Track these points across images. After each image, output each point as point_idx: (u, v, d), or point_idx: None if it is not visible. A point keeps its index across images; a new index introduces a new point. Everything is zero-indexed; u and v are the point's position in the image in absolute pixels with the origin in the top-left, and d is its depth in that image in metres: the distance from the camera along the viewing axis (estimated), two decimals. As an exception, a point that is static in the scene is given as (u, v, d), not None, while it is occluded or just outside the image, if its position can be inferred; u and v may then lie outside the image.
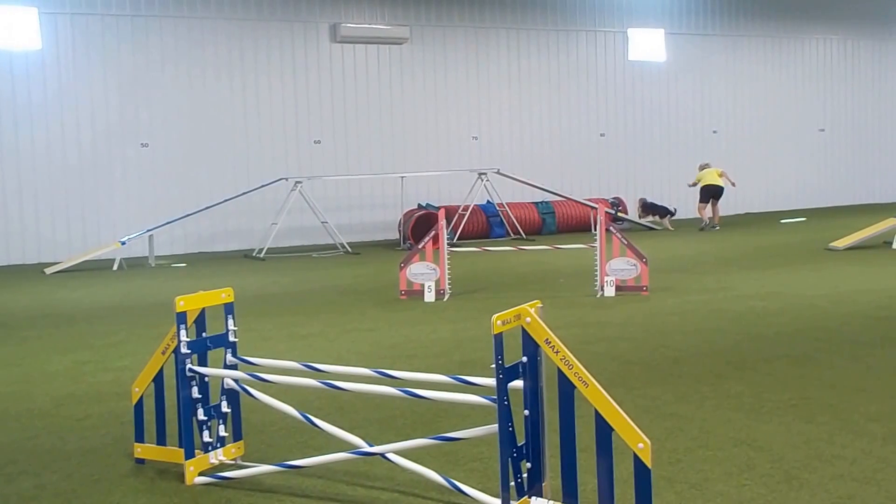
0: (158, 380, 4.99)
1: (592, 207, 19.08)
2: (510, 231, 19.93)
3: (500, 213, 19.93)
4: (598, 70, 23.30)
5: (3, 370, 7.70)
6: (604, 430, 3.75)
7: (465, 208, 19.11)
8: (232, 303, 5.04)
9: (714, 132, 24.86)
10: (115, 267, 16.10)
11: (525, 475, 3.95)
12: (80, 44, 17.98)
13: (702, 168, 20.46)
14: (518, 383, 3.94)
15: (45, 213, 17.83)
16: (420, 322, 9.50)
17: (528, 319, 3.88)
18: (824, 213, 24.00)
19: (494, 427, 3.90)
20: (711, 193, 20.04)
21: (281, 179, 18.11)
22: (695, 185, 20.37)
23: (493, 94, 22.00)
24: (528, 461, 3.96)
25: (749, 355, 7.22)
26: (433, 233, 11.34)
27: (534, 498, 3.88)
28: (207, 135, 19.14)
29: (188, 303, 4.80)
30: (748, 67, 25.32)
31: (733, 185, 20.22)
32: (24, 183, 17.66)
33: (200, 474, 4.74)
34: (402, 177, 19.39)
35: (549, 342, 3.83)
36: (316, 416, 4.70)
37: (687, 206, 22.95)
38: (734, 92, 25.15)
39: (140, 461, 5.02)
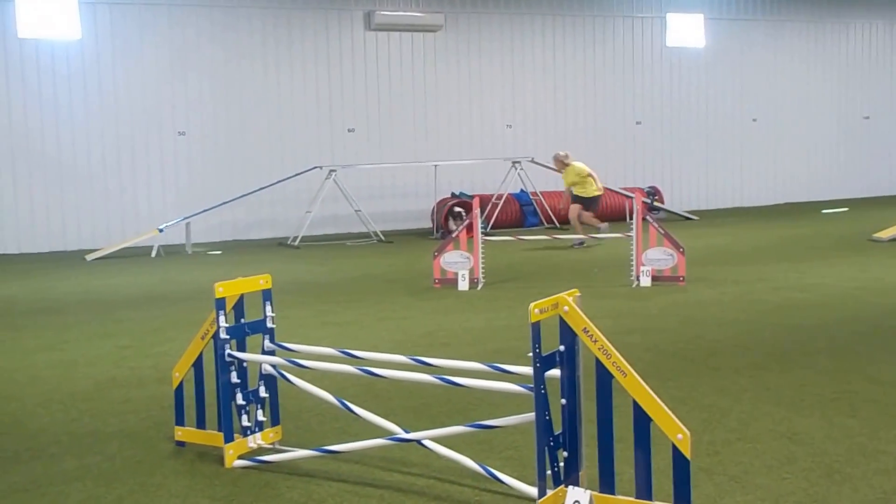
0: (198, 365, 5.04)
1: (628, 196, 18.99)
2: (544, 220, 19.88)
3: (534, 201, 19.88)
4: (635, 57, 23.13)
5: (47, 354, 7.80)
6: (642, 421, 3.74)
7: (499, 197, 19.09)
8: (270, 289, 5.08)
9: (754, 120, 24.57)
10: (153, 254, 16.25)
11: (562, 464, 3.96)
12: (118, 33, 18.11)
13: (560, 163, 15.76)
14: (555, 372, 3.95)
15: (85, 201, 18.01)
16: (453, 310, 9.51)
17: (566, 308, 3.88)
18: (867, 204, 23.66)
19: (531, 415, 3.91)
20: (578, 199, 15.68)
21: (315, 168, 18.16)
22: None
23: (527, 81, 21.92)
24: (564, 450, 3.96)
25: (788, 347, 7.16)
26: (467, 221, 11.35)
27: (570, 487, 3.88)
28: (242, 123, 19.24)
29: (227, 289, 4.85)
30: (790, 53, 24.96)
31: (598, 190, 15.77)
32: (64, 171, 17.85)
33: (239, 458, 4.79)
34: (436, 165, 19.38)
35: (588, 331, 3.83)
36: (352, 403, 4.73)
37: (715, 196, 22.84)
38: (775, 78, 24.81)
39: (180, 444, 5.08)
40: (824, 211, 21.90)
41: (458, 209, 15.99)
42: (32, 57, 17.51)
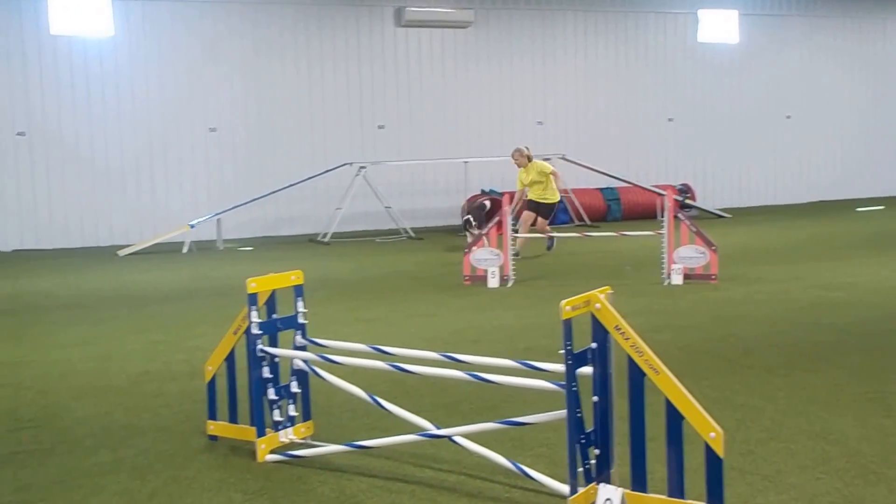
0: (230, 359, 5.07)
1: (659, 194, 18.91)
2: (574, 217, 19.82)
3: (564, 199, 19.78)
4: (667, 53, 23.01)
5: (81, 348, 7.88)
6: (674, 419, 3.73)
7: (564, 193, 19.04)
8: (301, 285, 5.10)
9: (788, 117, 24.38)
10: (184, 250, 16.37)
11: (593, 462, 3.95)
12: (150, 30, 18.24)
13: (522, 157, 13.61)
14: (587, 369, 3.94)
15: (117, 197, 18.16)
16: (484, 308, 9.51)
17: (598, 305, 3.87)
18: (902, 202, 23.44)
19: (562, 413, 3.90)
20: (534, 206, 13.64)
21: (345, 164, 18.22)
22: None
23: (558, 78, 21.86)
24: (596, 448, 3.95)
25: (822, 347, 7.09)
26: (497, 219, 11.33)
27: (602, 485, 3.87)
28: (273, 120, 19.32)
29: (259, 284, 4.87)
30: (825, 49, 24.73)
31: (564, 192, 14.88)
32: (97, 167, 18.00)
33: (271, 452, 4.82)
34: (466, 162, 19.37)
35: (620, 329, 3.81)
36: (382, 399, 4.74)
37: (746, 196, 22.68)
38: (809, 75, 24.59)
39: (213, 438, 5.11)
40: (859, 209, 21.68)
41: (472, 220, 15.55)
42: (65, 54, 17.67)
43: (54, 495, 4.38)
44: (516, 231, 12.02)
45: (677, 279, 10.66)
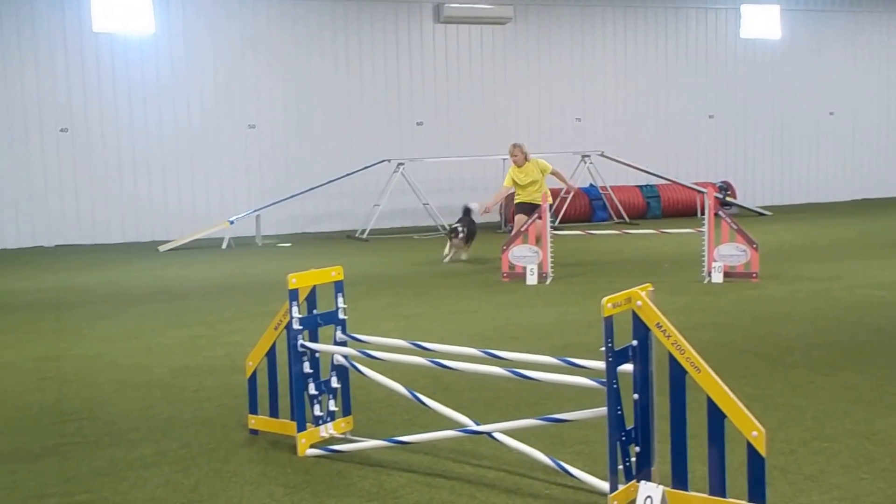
0: (271, 354, 5.11)
1: (700, 191, 18.78)
2: (613, 215, 19.73)
3: (603, 196, 19.73)
4: (708, 49, 22.81)
5: (124, 342, 7.97)
6: (716, 417, 3.71)
7: (568, 191, 18.97)
8: (341, 281, 5.13)
9: (831, 114, 24.09)
10: (224, 245, 16.48)
11: (634, 459, 3.94)
12: (190, 27, 18.38)
13: (521, 155, 12.49)
14: (627, 367, 3.92)
15: (158, 193, 18.32)
16: (522, 305, 9.50)
17: (640, 303, 3.86)
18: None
19: (603, 410, 3.89)
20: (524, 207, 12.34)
21: (383, 161, 18.25)
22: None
23: (597, 74, 21.76)
24: (636, 445, 3.94)
25: (866, 346, 7.02)
26: (536, 215, 11.31)
27: (642, 482, 3.86)
28: (311, 116, 19.40)
29: (300, 280, 4.90)
30: (868, 45, 24.37)
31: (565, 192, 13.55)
32: (138, 164, 18.17)
33: (312, 446, 4.85)
34: (504, 159, 19.24)
35: (661, 326, 3.80)
36: (421, 395, 4.76)
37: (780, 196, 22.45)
38: (853, 71, 24.25)
39: (254, 432, 5.15)
40: (902, 207, 21.40)
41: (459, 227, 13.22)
42: (107, 51, 17.85)
43: (99, 487, 4.44)
44: (555, 228, 11.95)
45: (718, 277, 10.58)
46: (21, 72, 17.28)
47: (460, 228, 13.32)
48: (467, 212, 13.69)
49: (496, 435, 4.42)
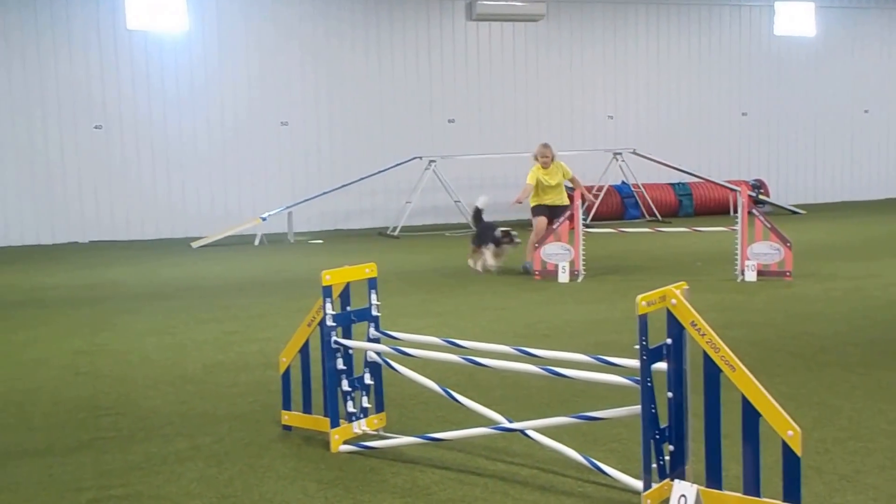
0: (304, 351, 5.13)
1: (732, 190, 18.66)
2: (645, 213, 19.65)
3: (635, 194, 19.66)
4: (742, 46, 22.64)
5: (157, 338, 8.03)
6: (751, 416, 3.69)
7: (600, 189, 18.93)
8: (375, 278, 5.15)
9: (866, 112, 23.84)
10: (256, 242, 16.57)
11: (667, 458, 3.93)
12: (224, 25, 18.48)
13: (549, 156, 11.89)
14: (661, 365, 3.91)
15: (191, 190, 18.45)
16: (554, 302, 9.49)
17: (674, 301, 3.85)
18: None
19: (637, 408, 3.89)
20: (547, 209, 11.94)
21: (415, 158, 18.27)
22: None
23: (630, 71, 21.66)
24: (670, 444, 3.93)
25: (901, 345, 6.96)
26: (568, 213, 11.28)
27: (676, 481, 3.84)
28: (343, 114, 19.45)
29: (334, 277, 4.92)
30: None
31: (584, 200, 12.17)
32: (171, 161, 18.31)
33: (345, 443, 4.87)
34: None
35: (696, 324, 3.79)
36: (454, 392, 4.77)
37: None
38: (889, 68, 23.96)
39: (287, 428, 5.18)
40: (938, 206, 21.15)
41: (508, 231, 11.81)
42: (141, 48, 17.98)
43: (134, 481, 4.48)
44: (587, 226, 11.87)
45: (751, 275, 10.52)
46: (56, 69, 17.45)
47: (512, 232, 11.79)
48: (479, 213, 12.20)
49: (529, 432, 4.42)
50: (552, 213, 11.68)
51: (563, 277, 10.97)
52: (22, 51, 17.23)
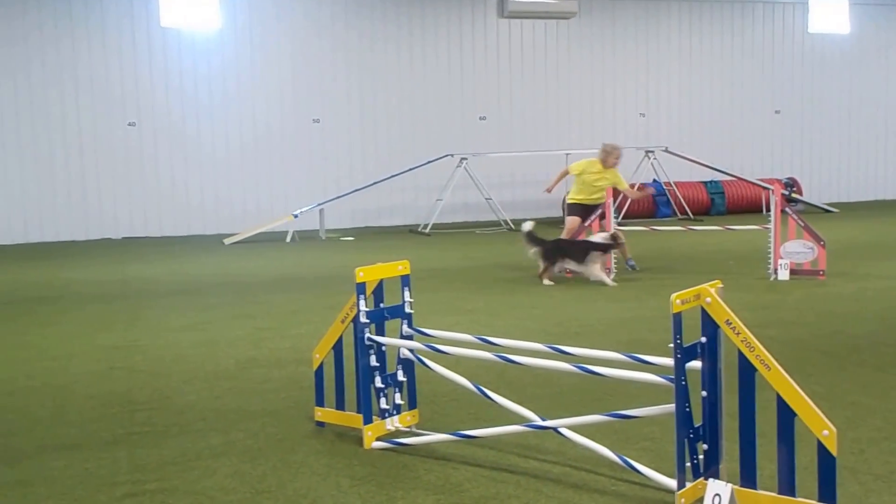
0: (338, 347, 5.15)
1: (765, 188, 18.52)
2: (677, 211, 19.56)
3: (667, 192, 19.57)
4: (775, 44, 22.48)
5: (190, 334, 8.09)
6: (786, 416, 3.67)
7: (631, 187, 18.85)
8: (408, 275, 5.16)
9: (901, 110, 23.64)
10: (288, 239, 16.66)
11: (701, 457, 3.91)
12: (256, 22, 18.58)
13: (615, 162, 11.79)
14: (695, 364, 3.90)
15: (223, 187, 18.56)
16: (585, 300, 9.47)
17: (709, 300, 3.83)
18: None
19: (670, 407, 3.87)
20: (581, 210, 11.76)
21: (446, 156, 18.29)
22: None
23: (662, 69, 21.57)
24: (704, 443, 3.91)
25: (936, 345, 6.89)
26: (599, 211, 11.25)
27: (710, 480, 3.83)
28: (375, 111, 19.50)
29: (367, 274, 4.94)
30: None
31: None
32: (204, 158, 18.44)
33: (378, 439, 4.89)
34: (567, 154, 19.23)
35: (731, 323, 3.77)
36: (487, 390, 4.77)
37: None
38: (922, 66, 23.79)
39: (320, 424, 5.21)
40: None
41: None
42: (175, 46, 18.12)
43: (169, 476, 4.52)
44: (618, 224, 11.80)
45: (784, 274, 10.45)
46: (90, 66, 17.62)
47: (617, 232, 10.98)
48: (532, 235, 11.02)
49: (562, 430, 4.41)
50: (587, 212, 11.55)
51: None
52: (56, 45, 17.41)
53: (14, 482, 4.48)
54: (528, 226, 10.95)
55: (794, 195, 20.02)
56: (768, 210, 10.86)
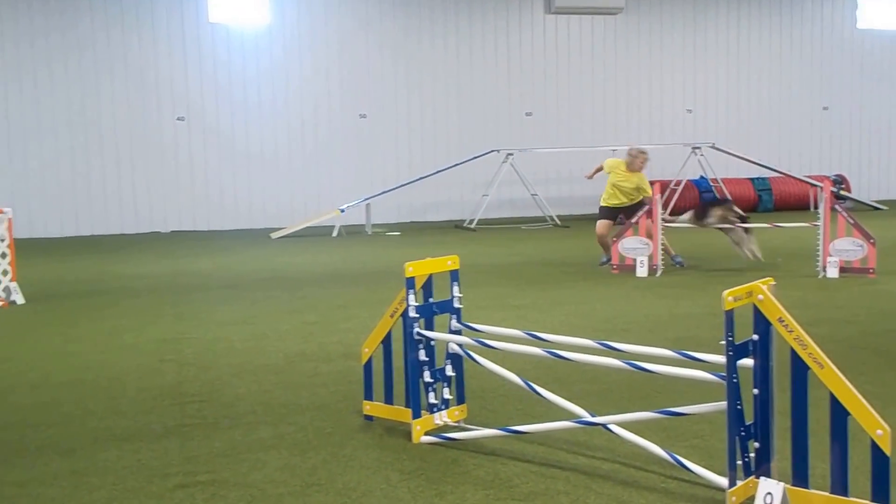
0: (387, 342, 5.18)
1: (813, 185, 18.32)
2: (723, 207, 19.36)
3: (713, 188, 19.40)
4: (824, 39, 22.20)
5: (239, 327, 8.17)
6: (839, 414, 3.63)
7: (678, 183, 18.74)
8: (457, 270, 5.17)
9: (953, 106, 23.25)
10: (334, 233, 16.75)
11: (752, 455, 3.89)
12: (304, 18, 18.69)
13: (641, 166, 11.72)
14: (747, 361, 3.87)
15: (271, 181, 18.70)
16: (632, 297, 9.43)
17: (761, 297, 3.80)
18: None
19: (721, 404, 3.85)
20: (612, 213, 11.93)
21: (492, 151, 18.29)
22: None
23: (709, 65, 21.40)
24: (756, 441, 3.89)
25: None
26: (646, 207, 11.19)
27: (762, 478, 3.80)
28: (422, 106, 19.55)
29: (416, 269, 4.96)
30: None
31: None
32: (251, 151, 18.59)
33: (426, 434, 4.91)
34: (614, 150, 19.11)
35: (783, 321, 3.74)
36: (536, 385, 4.77)
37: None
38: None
39: (368, 418, 5.24)
40: None
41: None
42: (223, 41, 18.29)
43: (220, 468, 4.57)
44: (665, 220, 11.69)
45: (833, 272, 10.33)
46: (141, 61, 17.84)
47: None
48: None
49: (612, 427, 4.41)
50: (614, 214, 11.75)
51: (642, 272, 10.89)
52: (107, 33, 17.61)
53: (68, 472, 4.56)
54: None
55: (842, 192, 19.76)
56: (815, 207, 10.76)
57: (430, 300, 5.09)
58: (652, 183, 11.72)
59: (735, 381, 3.79)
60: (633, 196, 11.62)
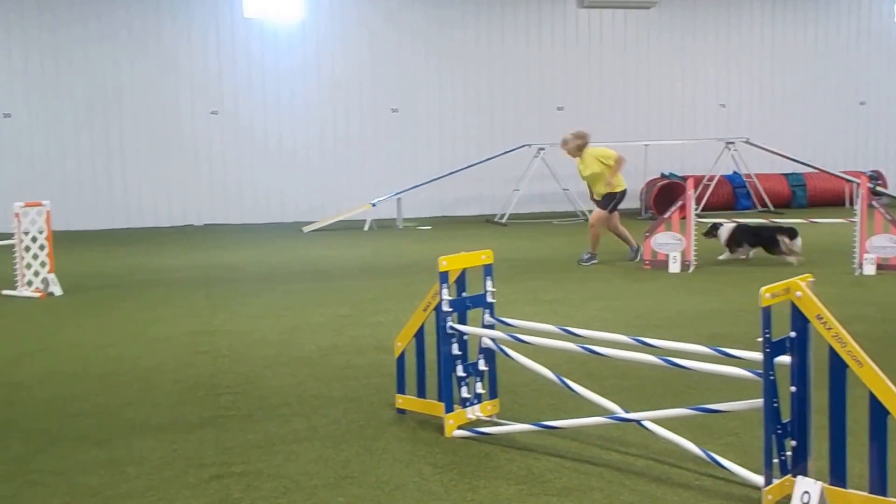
0: (419, 335, 5.19)
1: (850, 181, 18.14)
2: (757, 203, 19.22)
3: (747, 184, 19.24)
4: (860, 34, 21.94)
5: (273, 320, 8.21)
6: (878, 413, 3.60)
7: (711, 178, 18.60)
8: (491, 264, 5.18)
9: None
10: (365, 227, 16.78)
11: (789, 453, 3.86)
12: (337, 13, 18.71)
13: (567, 148, 12.33)
14: (784, 358, 3.84)
15: (303, 175, 18.75)
16: (665, 293, 9.38)
17: (799, 294, 3.78)
18: None
19: (757, 402, 3.83)
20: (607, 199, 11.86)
21: (524, 146, 18.23)
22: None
23: (742, 59, 21.20)
24: (792, 439, 3.86)
25: None
26: (680, 203, 11.14)
27: (798, 477, 3.77)
28: (453, 100, 19.52)
29: (450, 263, 4.96)
30: None
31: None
32: (284, 146, 18.65)
33: (459, 428, 4.91)
34: (646, 145, 19.06)
35: (822, 318, 3.72)
36: (569, 381, 4.76)
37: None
38: None
39: (401, 411, 5.25)
40: None
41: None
42: (257, 36, 18.35)
43: (254, 459, 4.60)
44: (698, 216, 11.63)
45: (870, 269, 10.23)
46: (175, 55, 17.94)
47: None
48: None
49: (645, 423, 4.39)
50: (603, 205, 11.83)
51: (674, 268, 10.83)
52: (143, 27, 17.73)
53: (105, 462, 4.61)
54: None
55: (878, 188, 19.53)
56: (851, 203, 10.64)
57: (464, 294, 5.09)
58: (685, 178, 11.63)
59: (772, 378, 3.76)
60: (600, 180, 11.83)
